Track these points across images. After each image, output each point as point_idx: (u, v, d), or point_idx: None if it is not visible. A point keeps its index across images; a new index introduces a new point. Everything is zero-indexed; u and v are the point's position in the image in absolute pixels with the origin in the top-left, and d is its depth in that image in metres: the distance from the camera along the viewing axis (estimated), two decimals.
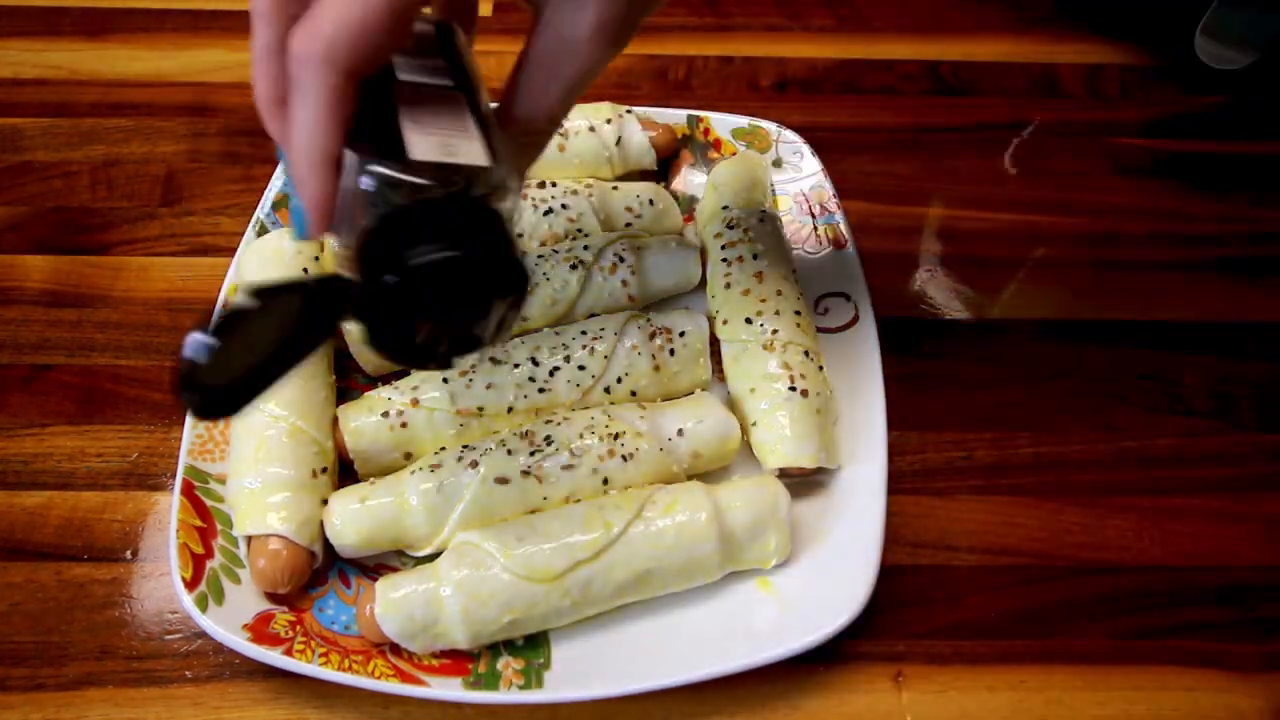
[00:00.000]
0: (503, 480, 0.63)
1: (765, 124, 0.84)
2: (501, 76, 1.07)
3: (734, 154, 0.83)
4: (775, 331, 0.70)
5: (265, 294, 0.40)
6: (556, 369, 0.68)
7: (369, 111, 0.43)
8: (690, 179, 0.84)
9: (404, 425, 0.67)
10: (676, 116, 0.85)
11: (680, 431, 0.66)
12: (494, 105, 0.49)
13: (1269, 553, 0.68)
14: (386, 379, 0.71)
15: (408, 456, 0.67)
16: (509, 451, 0.64)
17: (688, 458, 0.66)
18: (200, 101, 0.93)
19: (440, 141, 0.43)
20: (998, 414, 0.75)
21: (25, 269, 0.81)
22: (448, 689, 0.59)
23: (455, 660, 0.60)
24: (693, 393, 0.71)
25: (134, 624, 0.64)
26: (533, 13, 0.44)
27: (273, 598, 0.62)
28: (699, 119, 0.85)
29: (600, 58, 0.44)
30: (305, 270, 0.72)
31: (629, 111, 0.82)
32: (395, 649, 0.60)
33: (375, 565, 0.65)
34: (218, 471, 0.66)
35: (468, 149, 0.43)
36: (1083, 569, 0.68)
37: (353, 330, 0.71)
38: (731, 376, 0.71)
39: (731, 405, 0.70)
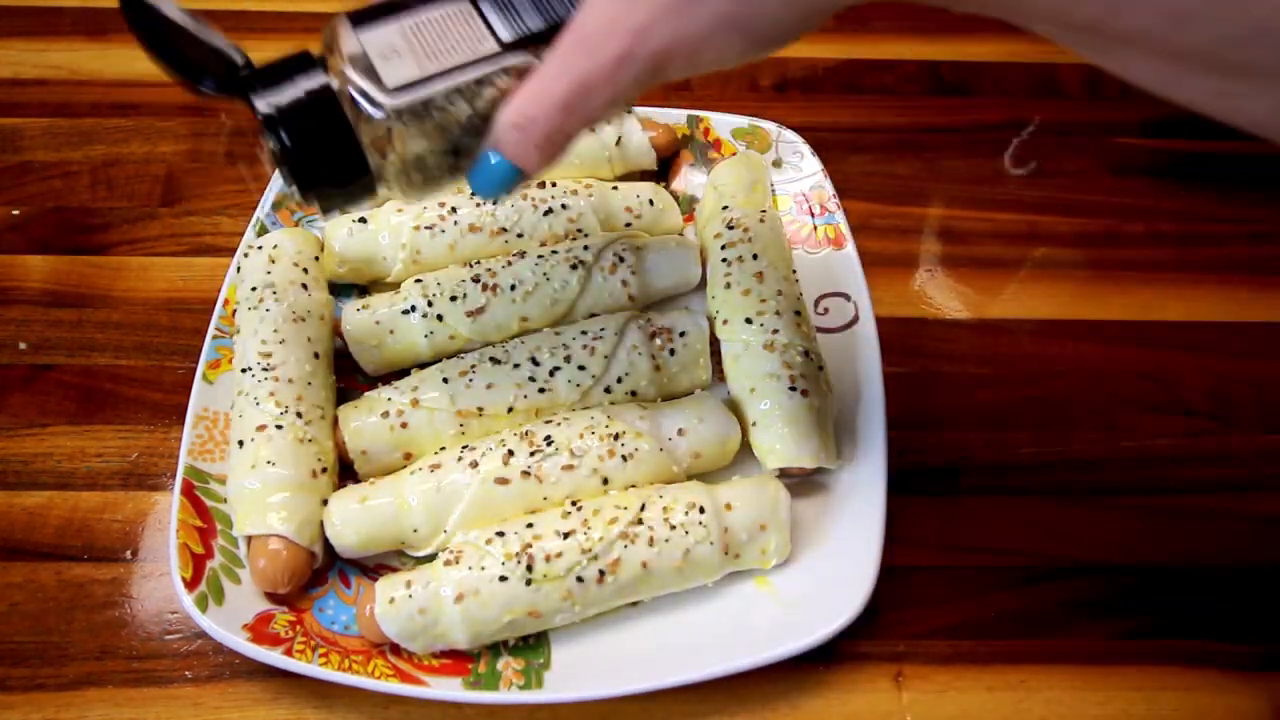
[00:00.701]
0: (502, 481, 0.63)
1: (765, 124, 0.84)
2: None
3: (734, 154, 0.83)
4: (775, 331, 0.70)
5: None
6: (556, 369, 0.68)
7: None
8: (690, 179, 0.84)
9: (404, 425, 0.67)
10: (676, 116, 0.85)
11: (680, 431, 0.66)
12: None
13: (1269, 553, 0.68)
14: (386, 379, 0.71)
15: (408, 457, 0.67)
16: (509, 452, 0.64)
17: (688, 458, 0.66)
18: (200, 101, 0.93)
19: (405, 50, 0.47)
20: (998, 414, 0.75)
21: (25, 269, 0.81)
22: (448, 689, 0.59)
23: (455, 660, 0.60)
24: (693, 393, 0.71)
25: (134, 624, 0.64)
26: None
27: (273, 598, 0.62)
28: (699, 119, 0.85)
29: (612, 64, 0.42)
30: (305, 270, 0.72)
31: (629, 111, 0.82)
32: (395, 649, 0.60)
33: (375, 565, 0.65)
34: (218, 471, 0.66)
35: (396, 69, 0.46)
36: (1083, 569, 0.68)
37: (351, 330, 0.71)
38: (731, 376, 0.71)
39: (731, 405, 0.70)
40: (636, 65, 0.41)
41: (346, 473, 0.68)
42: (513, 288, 0.72)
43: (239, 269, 0.74)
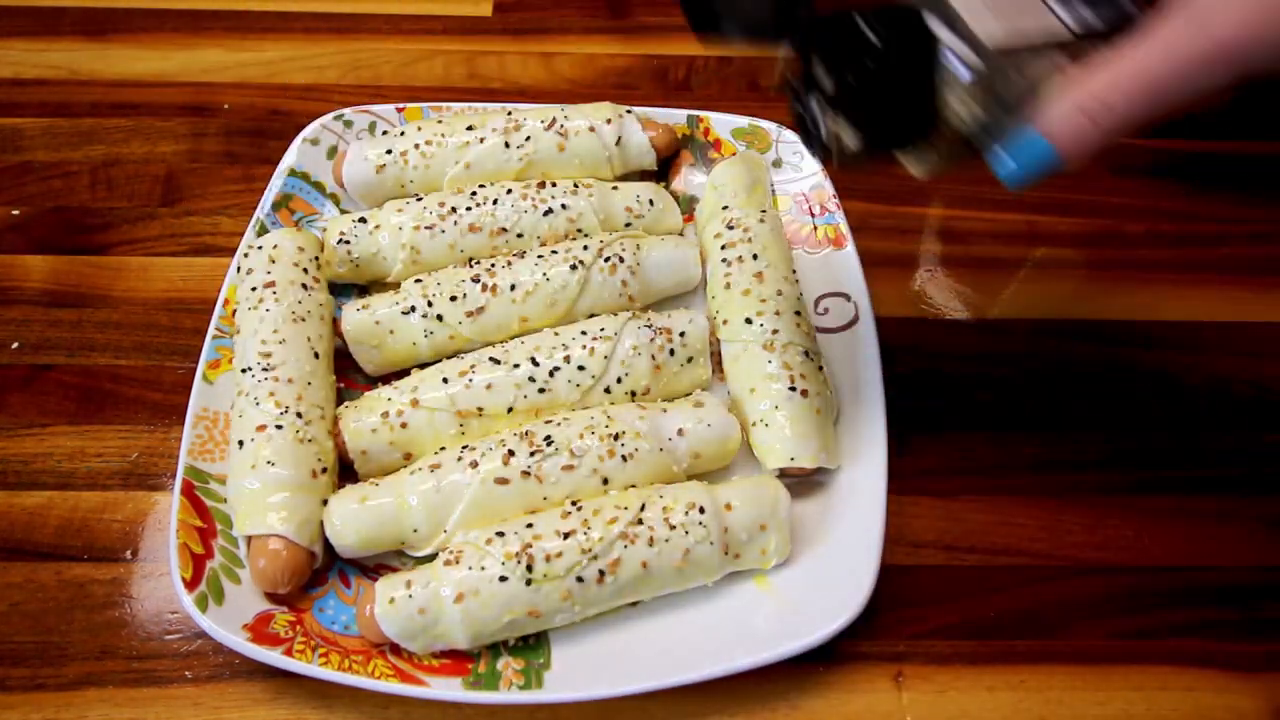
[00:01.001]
0: (502, 481, 0.63)
1: (765, 124, 0.84)
2: (502, 77, 1.06)
3: (734, 154, 0.83)
4: (775, 331, 0.70)
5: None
6: (556, 369, 0.68)
7: None
8: (690, 179, 0.84)
9: (404, 425, 0.67)
10: (676, 116, 0.85)
11: (680, 431, 0.66)
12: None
13: (1269, 553, 0.68)
14: (386, 379, 0.71)
15: (408, 457, 0.67)
16: (509, 452, 0.64)
17: (688, 458, 0.66)
18: (200, 101, 0.94)
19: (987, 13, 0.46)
20: (998, 414, 0.75)
21: (25, 269, 0.81)
22: (448, 689, 0.59)
23: (455, 660, 0.60)
24: (692, 393, 0.71)
25: (134, 624, 0.64)
26: None
27: (273, 598, 0.62)
28: (699, 119, 0.85)
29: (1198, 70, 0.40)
30: (305, 270, 0.72)
31: (629, 111, 0.82)
32: (395, 649, 0.60)
33: (375, 565, 0.65)
34: (218, 471, 0.66)
35: (986, 28, 0.46)
36: (1083, 569, 0.68)
37: (351, 330, 0.71)
38: (731, 376, 0.71)
39: (731, 405, 0.70)
40: (1259, 45, 0.39)
41: (346, 473, 0.68)
42: (512, 288, 0.72)
43: (239, 269, 0.74)
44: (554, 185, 0.78)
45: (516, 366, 0.68)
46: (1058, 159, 0.44)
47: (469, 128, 0.80)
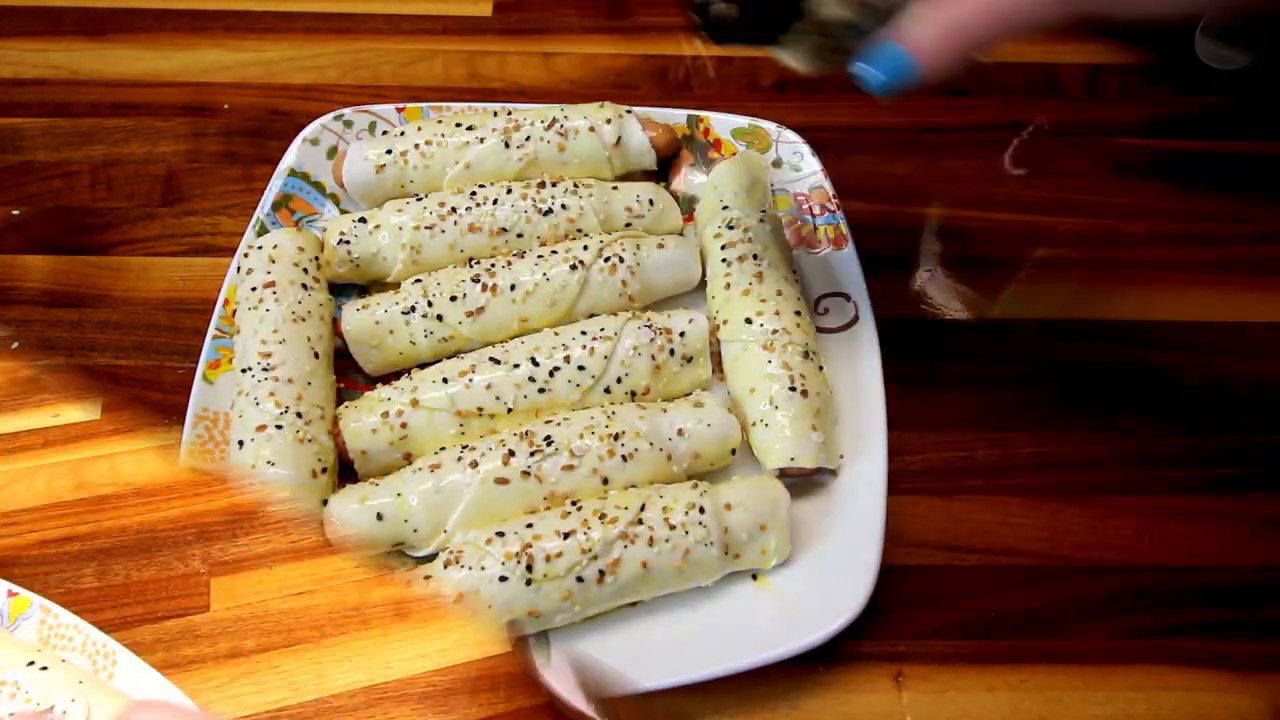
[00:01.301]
0: (502, 481, 0.63)
1: (765, 124, 0.84)
2: (502, 77, 1.06)
3: (734, 154, 0.83)
4: (775, 331, 0.70)
5: None
6: (556, 369, 0.68)
7: None
8: (690, 179, 0.84)
9: (404, 426, 0.67)
10: (676, 116, 0.85)
11: (680, 431, 0.66)
12: None
13: (1269, 553, 0.68)
14: (386, 379, 0.71)
15: (408, 457, 0.67)
16: (509, 452, 0.64)
17: (688, 458, 0.66)
18: (200, 101, 0.93)
19: None
20: (998, 414, 0.75)
21: (25, 269, 0.81)
22: None
23: None
24: (692, 393, 0.71)
25: None
26: None
27: None
28: (699, 119, 0.85)
29: None
30: (305, 270, 0.72)
31: (629, 111, 0.82)
32: None
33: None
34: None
35: None
36: (1083, 569, 0.68)
37: (351, 330, 0.71)
38: (731, 376, 0.71)
39: (732, 405, 0.70)
40: None
41: (346, 473, 0.68)
42: (512, 288, 0.72)
43: (239, 269, 0.74)
44: (554, 185, 0.78)
45: (516, 366, 0.68)
46: (917, 72, 0.50)
47: (469, 128, 0.80)
